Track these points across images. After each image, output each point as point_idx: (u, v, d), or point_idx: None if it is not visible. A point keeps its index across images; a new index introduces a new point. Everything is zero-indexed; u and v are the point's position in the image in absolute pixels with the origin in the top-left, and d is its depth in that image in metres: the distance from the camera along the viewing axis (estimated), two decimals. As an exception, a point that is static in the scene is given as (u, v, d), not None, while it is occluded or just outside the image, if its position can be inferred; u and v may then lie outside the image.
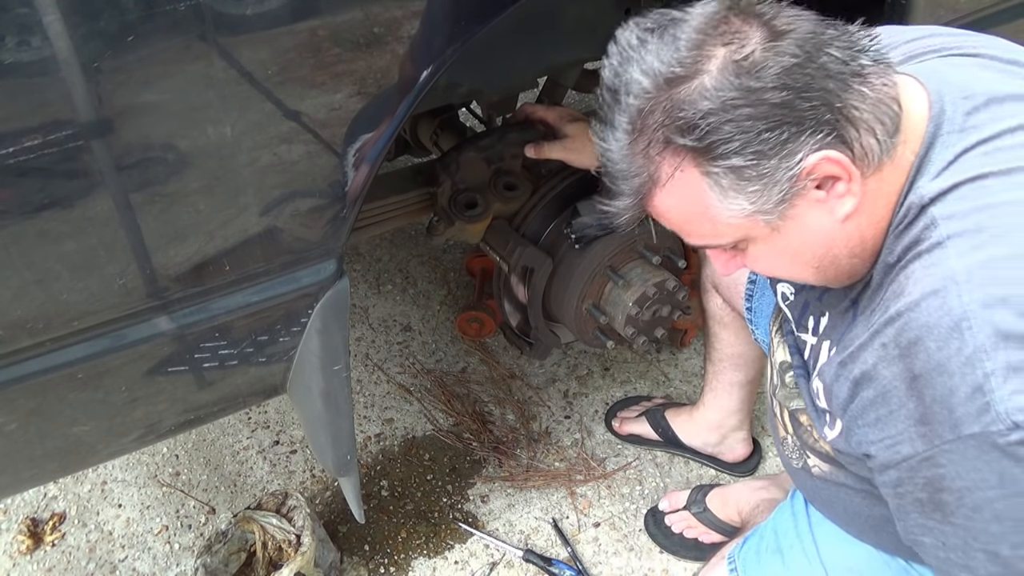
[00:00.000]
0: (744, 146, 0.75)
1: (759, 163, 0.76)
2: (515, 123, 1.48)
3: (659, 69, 0.76)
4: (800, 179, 0.77)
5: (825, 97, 0.75)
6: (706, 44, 0.76)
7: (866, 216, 0.82)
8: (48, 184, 0.76)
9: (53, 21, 0.67)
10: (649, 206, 0.84)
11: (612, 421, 1.87)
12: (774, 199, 0.78)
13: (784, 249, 0.84)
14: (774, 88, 0.73)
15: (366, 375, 2.00)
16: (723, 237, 0.84)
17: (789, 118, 0.74)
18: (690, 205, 0.81)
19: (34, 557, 1.64)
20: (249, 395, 1.14)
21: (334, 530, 1.67)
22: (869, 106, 0.77)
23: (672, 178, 0.79)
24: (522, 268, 1.46)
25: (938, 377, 0.73)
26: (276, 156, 0.85)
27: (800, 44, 0.75)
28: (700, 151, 0.76)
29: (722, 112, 0.74)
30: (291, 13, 0.79)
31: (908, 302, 0.76)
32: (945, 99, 0.81)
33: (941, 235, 0.76)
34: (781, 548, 1.19)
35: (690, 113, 0.75)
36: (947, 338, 0.72)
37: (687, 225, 0.85)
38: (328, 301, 1.02)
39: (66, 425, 0.98)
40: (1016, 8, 1.37)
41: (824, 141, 0.75)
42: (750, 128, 0.74)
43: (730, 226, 0.82)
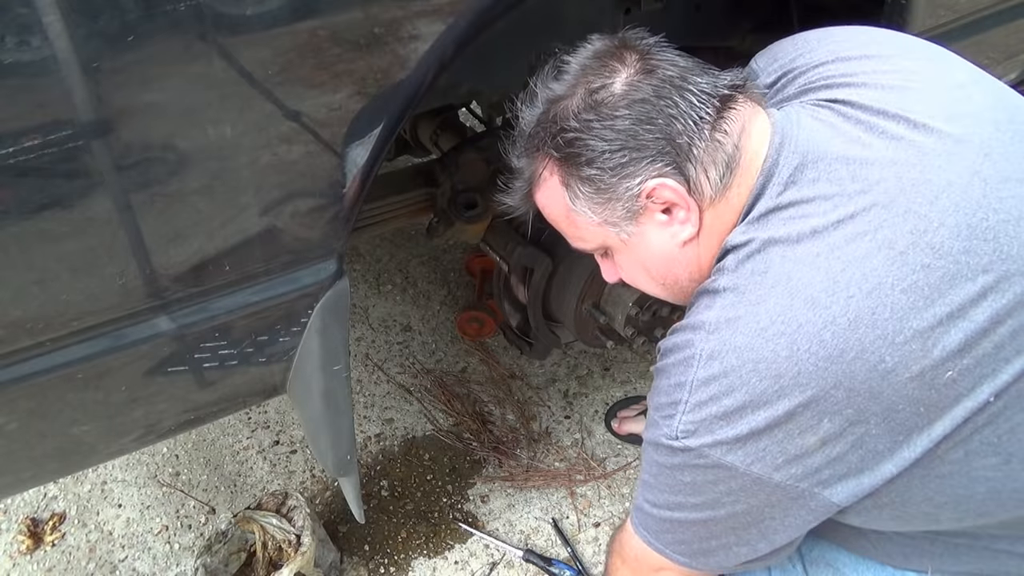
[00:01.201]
0: (591, 161, 0.90)
1: (603, 178, 0.90)
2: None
3: (546, 96, 0.93)
4: (640, 199, 0.90)
5: (667, 132, 0.88)
6: (584, 74, 0.91)
7: (703, 246, 0.93)
8: (48, 184, 0.76)
9: (53, 21, 0.67)
10: (534, 201, 1.00)
11: (612, 421, 1.87)
12: (618, 213, 0.92)
13: (636, 262, 0.99)
14: (621, 116, 0.88)
15: (366, 375, 2.00)
16: (587, 241, 1.00)
17: (631, 144, 0.88)
18: (557, 206, 0.97)
19: (34, 557, 1.64)
20: (249, 395, 1.14)
21: (334, 530, 1.67)
22: (705, 147, 0.88)
23: (543, 179, 0.96)
24: (522, 268, 1.46)
25: (659, 379, 0.92)
26: (276, 156, 0.85)
27: (658, 84, 0.88)
28: (562, 159, 0.92)
29: (580, 130, 0.89)
30: (291, 13, 0.79)
31: (679, 324, 0.91)
32: (782, 153, 0.88)
33: (720, 285, 0.88)
34: None
35: (558, 127, 0.91)
36: (678, 362, 0.88)
37: (560, 223, 1.01)
38: (328, 301, 1.02)
39: (66, 425, 0.98)
40: (1016, 8, 1.37)
41: (663, 170, 0.88)
42: (596, 147, 0.89)
43: (589, 231, 0.97)
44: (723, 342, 0.84)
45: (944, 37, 1.27)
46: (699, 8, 1.50)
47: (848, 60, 0.96)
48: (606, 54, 0.91)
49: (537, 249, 1.45)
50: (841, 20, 1.17)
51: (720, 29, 1.58)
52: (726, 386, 0.84)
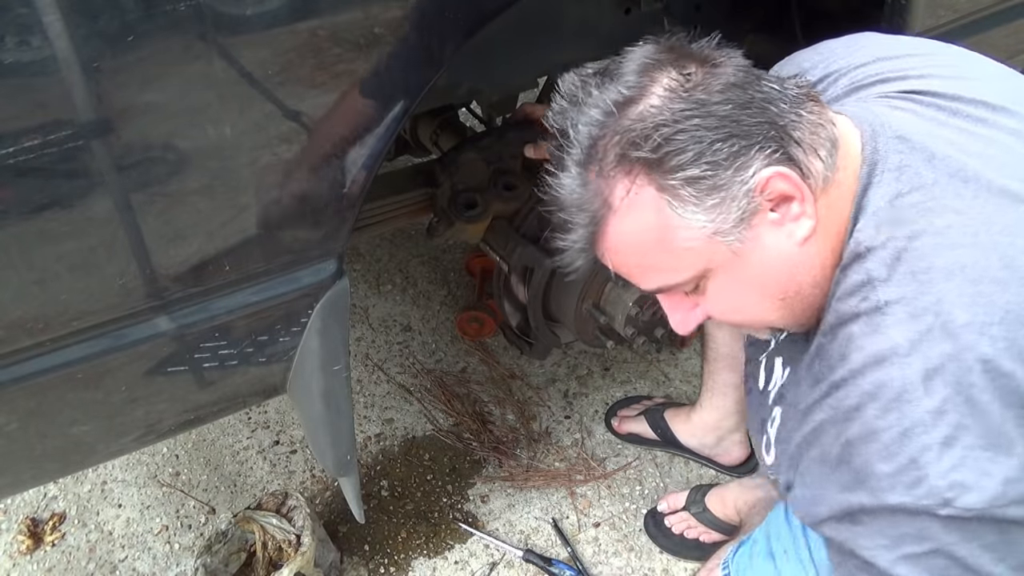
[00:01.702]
0: (698, 156, 0.75)
1: (715, 174, 0.76)
2: (514, 123, 1.48)
3: (606, 98, 0.78)
4: (755, 194, 0.77)
5: (767, 115, 0.77)
6: (649, 71, 0.79)
7: (823, 240, 0.81)
8: (48, 184, 0.76)
9: (53, 21, 0.67)
10: (603, 239, 0.81)
11: (611, 420, 1.87)
12: (733, 216, 0.77)
13: (748, 279, 0.82)
14: (719, 102, 0.76)
15: (366, 375, 2.00)
16: (682, 270, 0.82)
17: (737, 131, 0.76)
18: (646, 229, 0.79)
19: (34, 557, 1.64)
20: (249, 395, 1.14)
21: (334, 530, 1.67)
22: (808, 127, 0.79)
23: (627, 198, 0.78)
24: (522, 268, 1.46)
25: (871, 444, 0.74)
26: (276, 156, 0.85)
27: (737, 70, 0.78)
28: (654, 163, 0.76)
29: (673, 123, 0.75)
30: (291, 13, 0.79)
31: (851, 369, 0.76)
32: (879, 139, 0.81)
33: (880, 300, 0.76)
34: (773, 553, 1.18)
35: (642, 127, 0.76)
36: (887, 409, 0.73)
37: (644, 258, 0.82)
38: (328, 301, 1.02)
39: (66, 425, 0.98)
40: (1016, 8, 1.37)
41: (773, 157, 0.76)
42: (702, 138, 0.75)
43: (690, 252, 0.80)
44: (932, 358, 0.72)
45: (944, 37, 1.26)
46: (699, 8, 1.51)
47: (891, 59, 0.93)
48: (663, 53, 0.80)
49: (537, 249, 1.45)
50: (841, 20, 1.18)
51: (720, 30, 1.58)
52: (967, 403, 0.70)
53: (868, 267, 0.77)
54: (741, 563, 1.25)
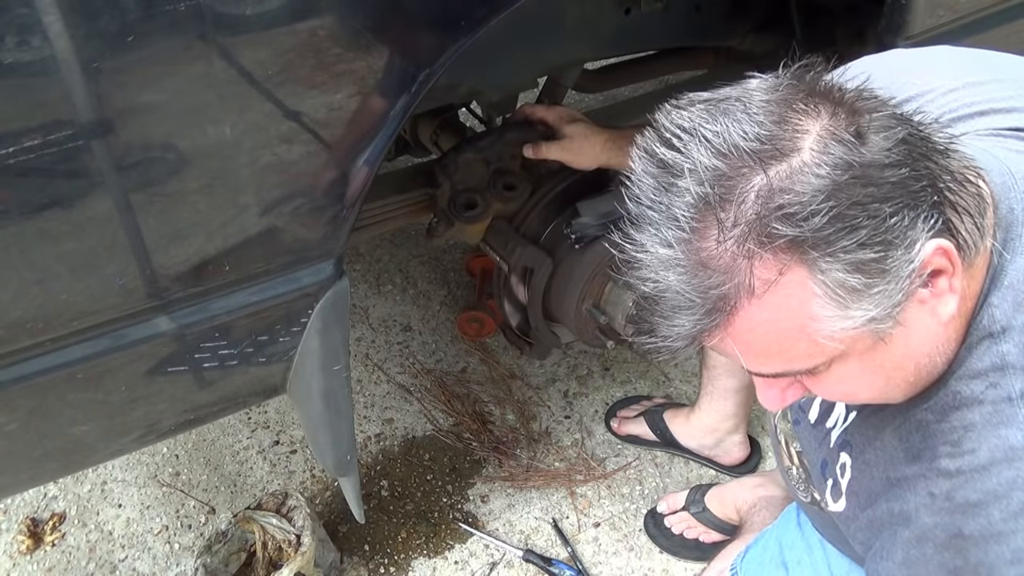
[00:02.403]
0: (872, 234, 0.60)
1: (886, 255, 0.61)
2: (514, 123, 1.48)
3: (740, 146, 0.60)
4: (917, 274, 0.63)
5: (929, 176, 0.63)
6: (790, 117, 0.62)
7: (961, 315, 0.70)
8: (48, 184, 0.76)
9: (53, 21, 0.67)
10: (728, 325, 0.64)
11: (611, 421, 1.87)
12: (893, 301, 0.63)
13: (883, 364, 0.69)
14: (891, 165, 0.61)
15: (366, 375, 2.00)
16: (814, 359, 0.67)
17: (908, 200, 0.61)
18: (788, 319, 0.64)
19: (34, 557, 1.64)
20: (249, 395, 1.14)
21: (334, 530, 1.67)
22: (958, 187, 0.66)
23: (773, 284, 0.61)
24: (522, 268, 1.46)
25: (994, 546, 0.67)
26: (276, 156, 0.85)
27: (895, 117, 0.63)
28: (815, 244, 0.60)
29: (841, 193, 0.59)
30: (291, 13, 0.79)
31: (973, 463, 0.68)
32: (1012, 194, 0.71)
33: (1013, 390, 0.67)
34: (787, 562, 1.16)
35: (802, 197, 0.59)
36: (1018, 513, 0.66)
37: (773, 347, 0.66)
38: (328, 301, 1.02)
39: (66, 425, 0.98)
40: (1016, 8, 1.37)
41: (935, 228, 0.63)
42: (877, 212, 0.60)
43: (834, 341, 0.65)
44: None
45: (944, 37, 1.27)
46: (699, 8, 1.51)
47: (981, 84, 0.83)
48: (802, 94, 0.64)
49: (537, 249, 1.45)
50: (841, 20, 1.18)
51: (720, 29, 1.58)
52: None
53: (1003, 350, 0.68)
54: (750, 568, 1.24)
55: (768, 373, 0.71)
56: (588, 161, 1.38)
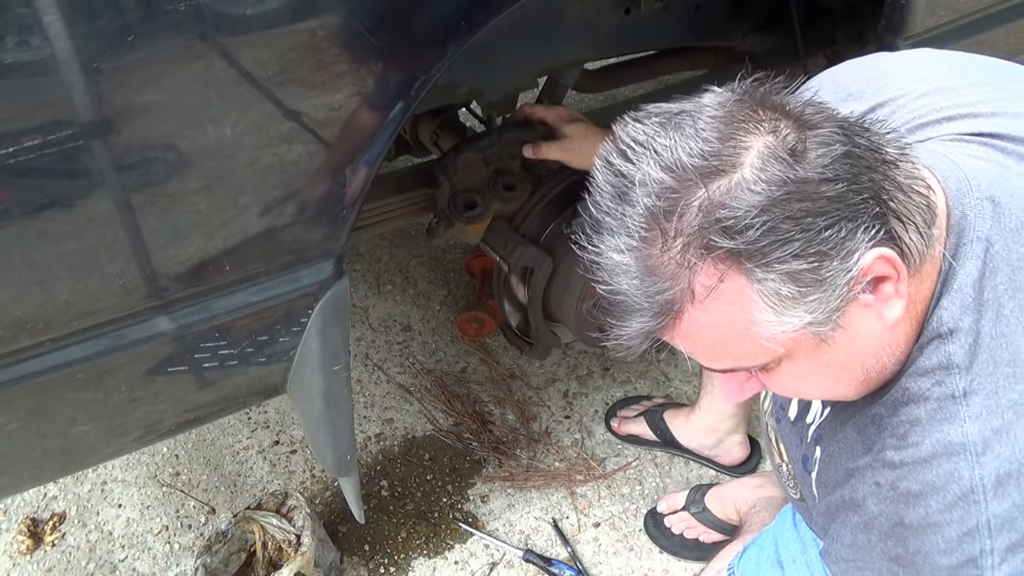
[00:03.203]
0: (806, 246, 0.64)
1: (820, 265, 0.65)
2: (514, 123, 1.48)
3: (685, 162, 0.64)
4: (856, 281, 0.67)
5: (872, 188, 0.67)
6: (735, 134, 0.65)
7: (910, 320, 0.74)
8: (48, 184, 0.76)
9: (53, 21, 0.67)
10: (675, 327, 0.69)
11: (611, 421, 1.87)
12: (831, 307, 0.67)
13: (829, 363, 0.74)
14: (827, 180, 0.64)
15: (366, 375, 2.00)
16: (760, 358, 0.72)
17: (845, 213, 0.65)
18: (730, 323, 0.68)
19: (34, 557, 1.64)
20: (249, 395, 1.14)
21: (334, 530, 1.67)
22: (904, 197, 0.69)
23: (713, 291, 0.66)
24: (522, 268, 1.46)
25: (930, 535, 0.72)
26: (276, 156, 0.85)
27: (839, 132, 0.67)
28: (750, 255, 0.64)
29: (776, 208, 0.63)
30: (291, 13, 0.79)
31: (916, 455, 0.73)
32: (966, 200, 0.74)
33: (957, 388, 0.71)
34: (782, 561, 1.17)
35: (737, 211, 0.63)
36: (952, 505, 0.70)
37: (719, 347, 0.71)
38: (328, 301, 1.02)
39: (66, 425, 0.98)
40: (1016, 8, 1.37)
41: (876, 238, 0.67)
42: (811, 226, 0.64)
43: (775, 342, 0.69)
44: (1007, 460, 0.69)
45: (944, 37, 1.27)
46: (699, 8, 1.51)
47: (954, 89, 0.85)
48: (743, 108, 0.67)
49: (537, 249, 1.45)
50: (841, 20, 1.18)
51: (720, 29, 1.58)
52: None
53: (950, 350, 0.72)
54: (747, 567, 1.24)
55: (719, 369, 0.76)
56: (588, 161, 1.35)
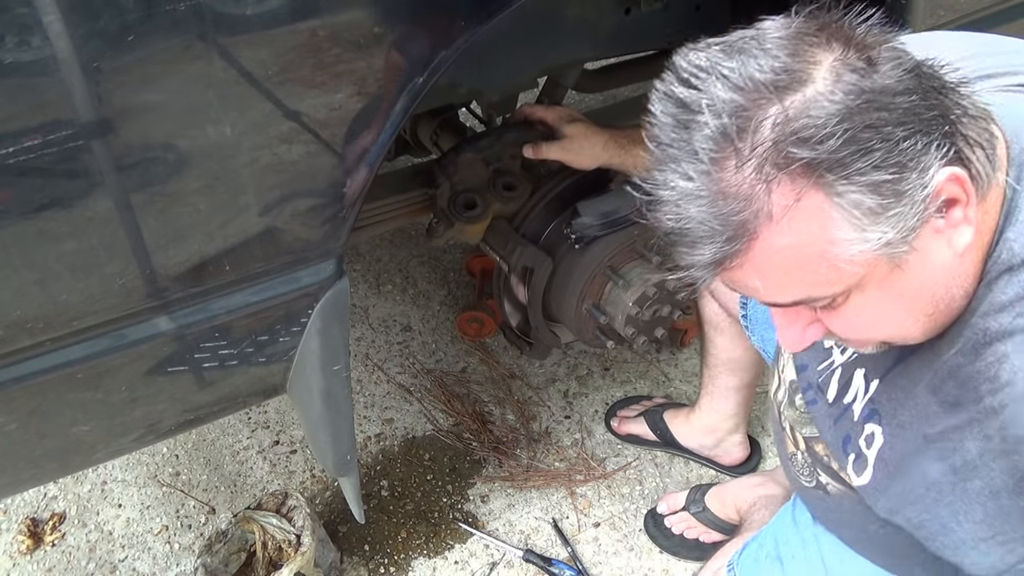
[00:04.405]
0: (886, 156, 0.62)
1: (901, 177, 0.63)
2: (513, 123, 1.48)
3: (757, 79, 0.63)
4: (931, 200, 0.65)
5: (940, 107, 0.66)
6: (804, 51, 0.64)
7: (977, 250, 0.72)
8: (48, 184, 0.76)
9: (53, 21, 0.67)
10: (748, 253, 0.66)
11: (611, 421, 1.87)
12: (908, 225, 0.65)
13: (901, 293, 0.71)
14: (901, 92, 0.63)
15: (366, 375, 2.00)
16: (833, 285, 0.69)
17: (919, 126, 0.64)
18: (808, 243, 0.66)
19: (34, 557, 1.64)
20: (249, 395, 1.14)
21: (334, 530, 1.67)
22: (970, 120, 0.68)
23: (791, 209, 0.64)
24: (522, 268, 1.46)
25: None
26: (276, 156, 0.85)
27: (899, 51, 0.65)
28: (831, 166, 0.62)
29: (855, 116, 0.62)
30: (291, 13, 0.79)
31: (1015, 393, 0.69)
32: (1021, 136, 0.73)
33: None
34: (781, 557, 1.18)
35: (817, 120, 0.62)
36: None
37: (793, 273, 0.68)
38: (328, 301, 1.02)
39: (66, 425, 0.98)
40: (1016, 8, 1.37)
41: (948, 156, 0.65)
42: (890, 135, 0.62)
43: (853, 263, 0.67)
44: None
45: (944, 37, 1.27)
46: (699, 8, 1.51)
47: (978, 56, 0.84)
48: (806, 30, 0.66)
49: (537, 249, 1.45)
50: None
51: (720, 29, 1.58)
52: None
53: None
54: (747, 564, 1.24)
55: (787, 302, 0.72)
56: (588, 161, 1.38)
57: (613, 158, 1.37)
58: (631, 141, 1.36)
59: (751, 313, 1.41)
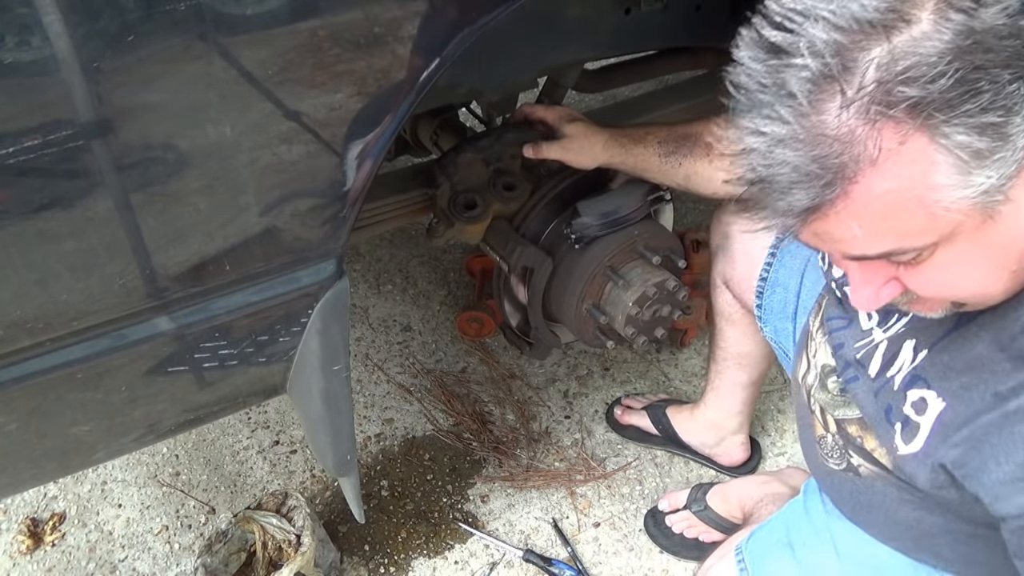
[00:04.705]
0: (994, 99, 0.61)
1: (1007, 120, 0.62)
2: (513, 123, 1.48)
3: (860, 17, 0.62)
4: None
5: None
6: None
7: None
8: (48, 184, 0.76)
9: (53, 21, 0.67)
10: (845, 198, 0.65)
11: (615, 408, 1.87)
12: (1007, 172, 0.64)
13: (989, 245, 0.69)
14: (1007, 36, 0.62)
15: (366, 375, 2.00)
16: (927, 235, 0.68)
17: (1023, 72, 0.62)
18: (908, 188, 0.64)
19: (34, 557, 1.64)
20: (249, 395, 1.14)
21: (334, 530, 1.67)
22: None
23: (894, 152, 0.62)
24: (522, 268, 1.46)
25: None
26: (276, 156, 0.85)
27: None
28: (939, 107, 0.61)
29: (965, 56, 0.60)
30: (291, 13, 0.79)
31: None
32: None
33: None
34: (792, 543, 1.17)
35: (929, 58, 0.60)
36: None
37: (888, 220, 0.67)
38: (328, 301, 1.02)
39: (66, 425, 0.98)
40: (1016, 8, 1.37)
41: None
42: (998, 77, 0.61)
43: (949, 213, 0.65)
44: None
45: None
46: (699, 8, 1.51)
47: None
48: None
49: (537, 249, 1.45)
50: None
51: (720, 29, 1.58)
52: None
53: None
54: (756, 549, 1.23)
55: (875, 254, 0.70)
56: (588, 160, 1.38)
57: (613, 157, 1.37)
58: (631, 140, 1.36)
59: (766, 303, 1.40)
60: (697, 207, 2.43)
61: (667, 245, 1.52)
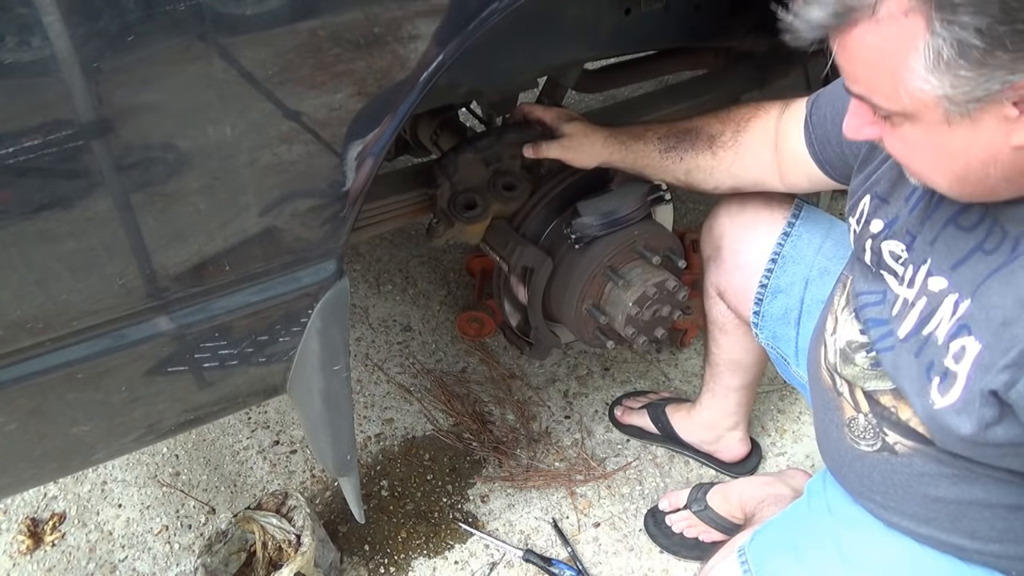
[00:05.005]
0: (994, 26, 0.66)
1: (991, 53, 0.68)
2: (513, 123, 1.48)
3: None
4: (1009, 89, 0.69)
5: None
6: None
7: None
8: (48, 184, 0.76)
9: (53, 21, 0.67)
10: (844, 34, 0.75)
11: (616, 408, 1.87)
12: (973, 95, 0.71)
13: (941, 146, 0.78)
14: None
15: (366, 375, 2.00)
16: (891, 102, 0.77)
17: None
18: (889, 54, 0.73)
19: (34, 557, 1.64)
20: (249, 395, 1.14)
21: (334, 530, 1.67)
22: None
23: (893, 19, 0.71)
24: (522, 268, 1.46)
25: None
26: (276, 156, 0.85)
27: None
28: (942, 5, 0.68)
29: None
30: (291, 13, 0.79)
31: None
32: None
33: None
34: (796, 546, 1.16)
35: None
36: None
37: (867, 70, 0.77)
38: (328, 301, 1.02)
39: (66, 425, 0.98)
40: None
41: None
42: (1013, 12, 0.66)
43: (909, 96, 0.74)
44: None
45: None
46: (699, 8, 1.51)
47: None
48: None
49: (537, 249, 1.45)
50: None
51: (720, 29, 1.58)
52: None
53: None
54: (759, 551, 1.23)
55: (854, 92, 0.81)
56: (588, 159, 1.38)
57: (613, 155, 1.37)
58: (631, 137, 1.36)
59: (765, 310, 1.40)
60: (697, 207, 2.43)
61: (667, 245, 1.52)
